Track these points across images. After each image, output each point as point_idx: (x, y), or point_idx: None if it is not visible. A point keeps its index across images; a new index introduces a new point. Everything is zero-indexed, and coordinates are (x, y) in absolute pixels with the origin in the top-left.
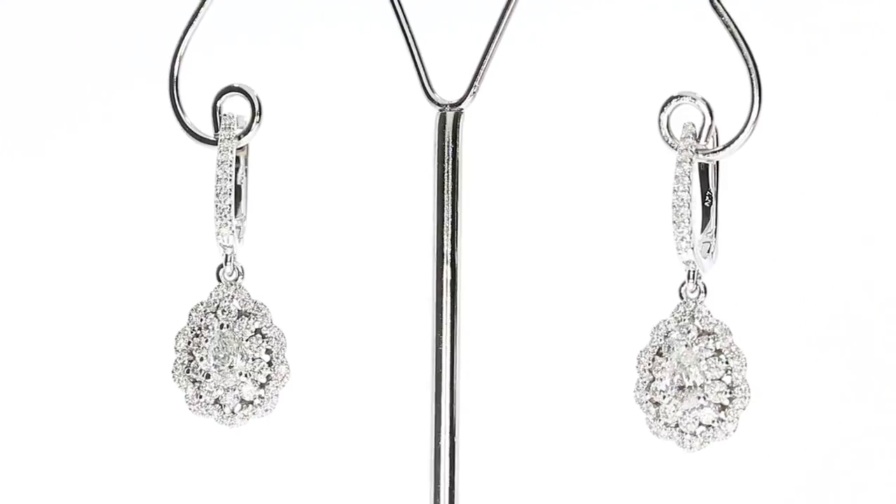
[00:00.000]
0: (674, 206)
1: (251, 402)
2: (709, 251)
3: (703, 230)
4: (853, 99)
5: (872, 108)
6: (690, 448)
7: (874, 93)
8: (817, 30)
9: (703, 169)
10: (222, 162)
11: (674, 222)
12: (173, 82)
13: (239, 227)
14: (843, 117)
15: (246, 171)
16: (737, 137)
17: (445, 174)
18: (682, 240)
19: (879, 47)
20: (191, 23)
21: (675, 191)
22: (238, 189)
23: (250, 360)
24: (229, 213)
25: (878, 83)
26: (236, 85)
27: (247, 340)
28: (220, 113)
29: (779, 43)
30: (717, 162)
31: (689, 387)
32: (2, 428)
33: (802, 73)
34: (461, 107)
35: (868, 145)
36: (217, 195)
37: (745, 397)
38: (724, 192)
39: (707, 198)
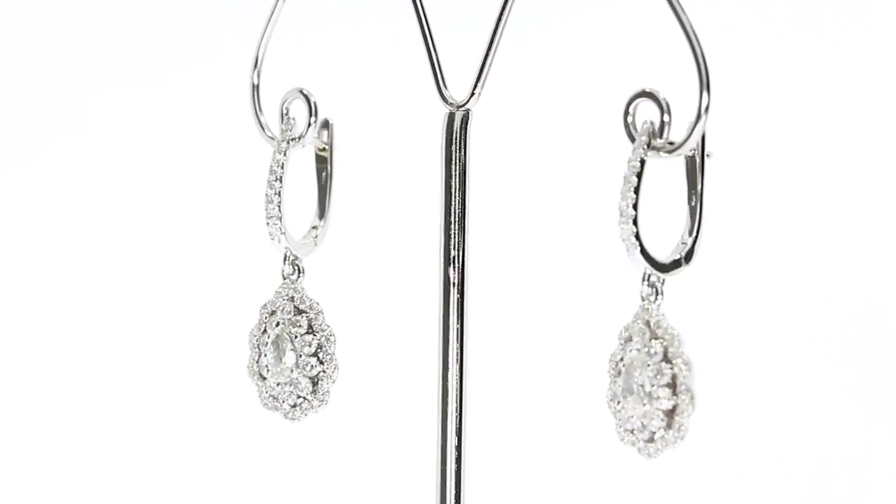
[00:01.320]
0: (619, 206)
1: (305, 398)
2: (683, 254)
3: (689, 232)
4: (840, 100)
5: (859, 108)
6: (648, 455)
7: (861, 93)
8: (797, 36)
9: (692, 168)
10: (273, 165)
11: (619, 224)
12: (254, 90)
13: (315, 228)
14: (828, 118)
15: (330, 173)
16: (688, 137)
17: (452, 174)
18: (626, 240)
19: (862, 50)
20: (263, 34)
21: (620, 189)
22: (323, 190)
23: (301, 357)
24: (276, 214)
25: (862, 84)
26: (304, 91)
27: (298, 338)
28: (286, 115)
29: (764, 46)
30: (703, 162)
31: (638, 392)
32: (72, 417)
33: (786, 74)
34: (466, 108)
35: (852, 148)
36: (265, 196)
37: (690, 404)
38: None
39: (692, 198)
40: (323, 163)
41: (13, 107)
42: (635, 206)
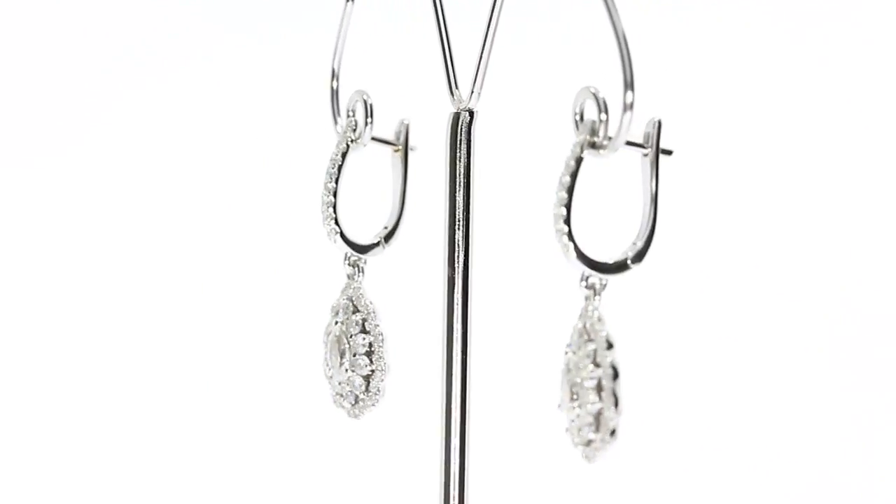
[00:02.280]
0: (552, 205)
1: (360, 396)
2: (632, 255)
3: (641, 232)
4: (804, 102)
5: (824, 110)
6: (587, 458)
7: (827, 96)
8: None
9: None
10: (328, 166)
11: (553, 223)
12: (333, 94)
13: (387, 228)
14: (792, 121)
15: (404, 174)
16: (618, 134)
17: (456, 173)
18: (559, 240)
19: (830, 52)
20: (336, 46)
21: (555, 189)
22: (399, 190)
23: (353, 356)
24: (330, 214)
25: (828, 86)
26: (363, 94)
27: (352, 337)
28: (350, 115)
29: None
30: (657, 161)
31: (572, 394)
32: (133, 412)
33: (753, 74)
34: (469, 107)
35: (815, 149)
36: (321, 196)
37: (613, 409)
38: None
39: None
40: (402, 163)
41: (47, 106)
42: (567, 206)
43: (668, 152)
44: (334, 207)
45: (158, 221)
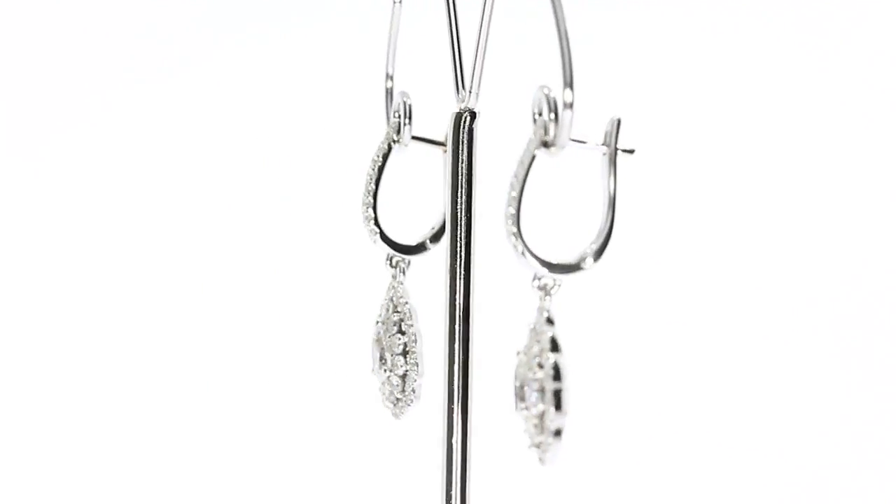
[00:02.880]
0: (504, 203)
1: (398, 396)
2: (591, 254)
3: (599, 232)
4: (767, 100)
5: (787, 107)
6: (541, 461)
7: (795, 94)
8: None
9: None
10: (369, 167)
11: (504, 224)
12: (387, 95)
13: (434, 228)
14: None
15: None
16: (559, 133)
17: (459, 173)
18: (507, 239)
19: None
20: (388, 48)
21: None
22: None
23: (391, 356)
24: (370, 215)
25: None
26: (403, 95)
27: (390, 338)
28: (394, 116)
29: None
30: (615, 160)
31: (520, 396)
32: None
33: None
34: (469, 107)
35: (774, 146)
36: (362, 197)
37: (551, 410)
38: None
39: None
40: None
41: (64, 104)
42: (517, 205)
43: (630, 151)
44: (374, 208)
45: (206, 224)
